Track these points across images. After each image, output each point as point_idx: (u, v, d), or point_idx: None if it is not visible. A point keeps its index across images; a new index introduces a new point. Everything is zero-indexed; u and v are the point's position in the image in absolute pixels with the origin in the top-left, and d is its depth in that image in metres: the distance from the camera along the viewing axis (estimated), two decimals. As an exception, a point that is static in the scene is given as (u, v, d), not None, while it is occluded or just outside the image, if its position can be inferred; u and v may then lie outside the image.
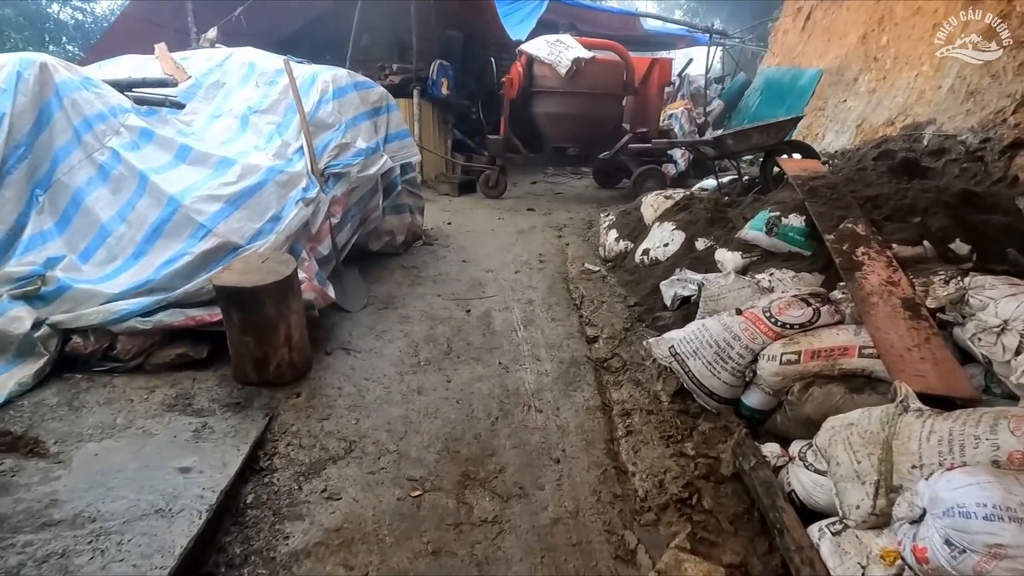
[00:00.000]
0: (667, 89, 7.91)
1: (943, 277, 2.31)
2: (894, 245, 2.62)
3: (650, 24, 12.33)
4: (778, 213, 3.03)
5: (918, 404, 1.70)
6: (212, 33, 5.45)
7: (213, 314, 2.43)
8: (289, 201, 2.81)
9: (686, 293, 2.97)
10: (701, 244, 3.36)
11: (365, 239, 3.92)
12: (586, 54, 6.15)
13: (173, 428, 2.08)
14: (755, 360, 2.23)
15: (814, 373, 2.10)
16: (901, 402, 1.72)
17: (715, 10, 18.89)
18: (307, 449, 2.07)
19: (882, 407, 1.77)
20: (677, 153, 7.38)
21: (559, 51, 6.19)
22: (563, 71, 6.12)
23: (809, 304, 2.29)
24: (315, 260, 2.98)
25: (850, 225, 2.75)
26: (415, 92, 7.00)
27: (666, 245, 3.53)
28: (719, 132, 5.05)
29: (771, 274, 2.80)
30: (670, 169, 7.27)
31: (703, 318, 2.71)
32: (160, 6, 7.09)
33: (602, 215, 5.16)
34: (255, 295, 2.23)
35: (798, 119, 4.55)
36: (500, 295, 3.54)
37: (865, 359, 2.06)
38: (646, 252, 3.64)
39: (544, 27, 7.95)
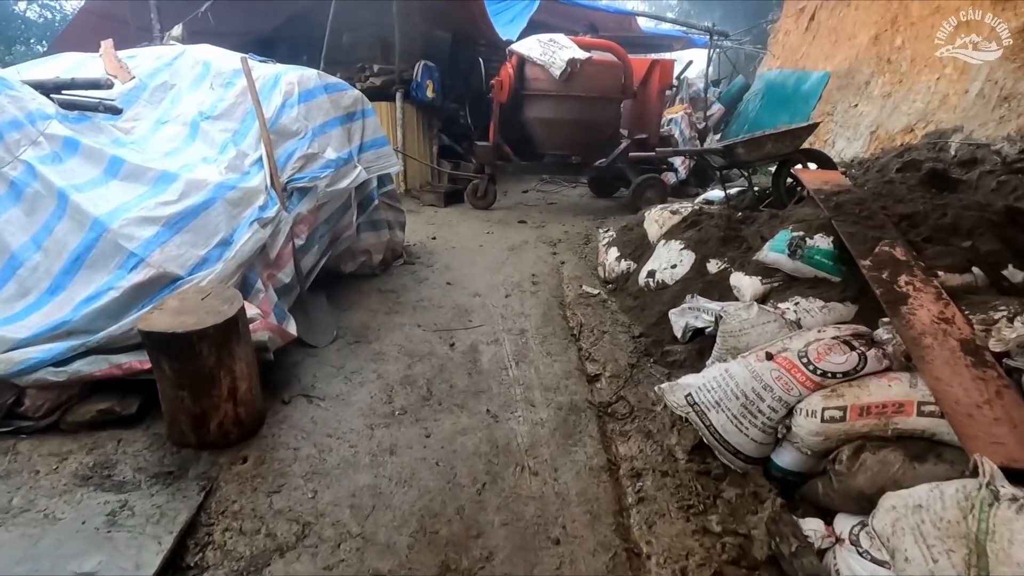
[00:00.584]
0: (667, 92, 7.53)
1: (1005, 313, 1.98)
2: (940, 272, 2.29)
3: (645, 25, 12.00)
4: (801, 233, 2.68)
5: (1010, 489, 1.36)
6: (177, 31, 5.04)
7: (144, 361, 2.02)
8: (243, 222, 2.42)
9: (699, 325, 2.61)
10: (713, 266, 3.00)
11: (336, 261, 3.51)
12: (581, 55, 5.74)
13: (84, 510, 1.69)
14: (789, 414, 1.89)
15: (863, 434, 1.76)
16: (988, 485, 1.38)
17: (707, 12, 18.67)
18: (249, 536, 1.68)
19: (955, 485, 1.43)
20: (677, 160, 7.02)
21: (552, 51, 5.78)
22: (557, 73, 5.71)
23: (853, 348, 1.94)
24: (274, 290, 2.58)
25: (887, 248, 2.41)
26: (398, 95, 6.59)
27: (674, 267, 3.16)
28: (729, 140, 4.69)
29: (796, 303, 2.45)
30: (670, 177, 6.91)
31: (722, 357, 2.36)
32: (121, 4, 6.58)
33: (600, 231, 4.77)
34: (189, 342, 1.84)
35: (814, 126, 4.21)
36: (488, 324, 3.15)
37: (926, 418, 1.72)
38: (651, 274, 3.27)
39: (548, 31, 7.26)
